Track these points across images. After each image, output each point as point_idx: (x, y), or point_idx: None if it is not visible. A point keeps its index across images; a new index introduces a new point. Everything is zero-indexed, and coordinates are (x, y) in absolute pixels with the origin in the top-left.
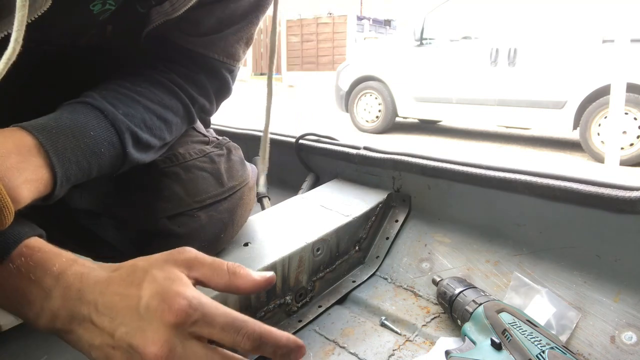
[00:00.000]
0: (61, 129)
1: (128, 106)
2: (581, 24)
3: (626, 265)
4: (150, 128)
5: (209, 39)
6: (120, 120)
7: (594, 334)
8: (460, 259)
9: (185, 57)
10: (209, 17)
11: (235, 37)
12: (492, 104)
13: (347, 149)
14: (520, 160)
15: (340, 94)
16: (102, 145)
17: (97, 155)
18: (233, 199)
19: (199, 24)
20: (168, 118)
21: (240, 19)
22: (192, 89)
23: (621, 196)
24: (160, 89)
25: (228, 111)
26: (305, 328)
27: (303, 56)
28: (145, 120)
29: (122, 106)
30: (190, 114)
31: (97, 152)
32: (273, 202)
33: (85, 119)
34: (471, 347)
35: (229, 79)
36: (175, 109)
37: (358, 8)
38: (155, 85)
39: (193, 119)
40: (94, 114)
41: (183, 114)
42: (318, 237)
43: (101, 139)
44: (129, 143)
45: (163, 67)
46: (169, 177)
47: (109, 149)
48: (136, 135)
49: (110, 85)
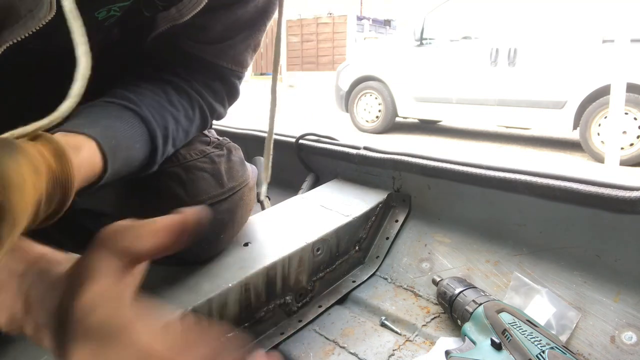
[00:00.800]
0: (119, 142)
1: (162, 116)
2: (581, 24)
3: (626, 265)
4: (174, 140)
5: (220, 47)
6: (159, 137)
7: (594, 334)
8: (460, 259)
9: (201, 64)
10: (216, 23)
11: (244, 44)
12: (492, 104)
13: (347, 149)
14: (520, 160)
15: (340, 94)
16: (139, 159)
17: (133, 167)
18: (233, 199)
19: (207, 30)
20: (190, 130)
21: (248, 26)
22: (211, 97)
23: (621, 196)
24: (185, 98)
25: (229, 111)
26: (305, 328)
27: (303, 56)
28: (173, 133)
29: (159, 118)
30: (206, 123)
31: (134, 165)
32: (273, 202)
33: (132, 130)
34: (471, 347)
35: (237, 84)
36: (197, 120)
37: (358, 8)
38: (181, 94)
39: (207, 127)
40: (139, 125)
41: (200, 123)
42: (318, 237)
43: (141, 153)
44: (158, 159)
45: (184, 74)
46: (169, 178)
47: (142, 162)
48: (164, 150)
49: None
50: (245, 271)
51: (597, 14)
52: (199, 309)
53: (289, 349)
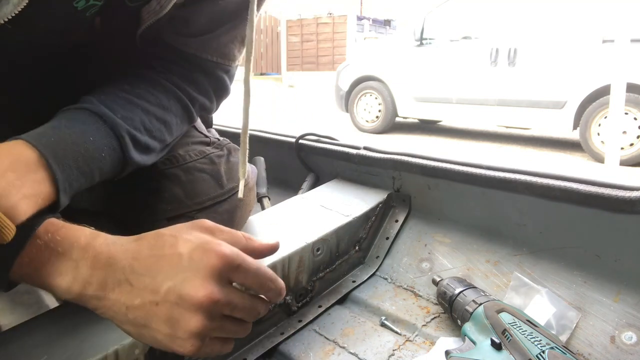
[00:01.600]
0: (61, 137)
1: (126, 109)
2: (581, 24)
3: (626, 265)
4: (149, 130)
5: (201, 39)
6: (119, 125)
7: (594, 334)
8: (460, 259)
9: (182, 57)
10: (199, 15)
11: (229, 36)
12: (492, 104)
13: (347, 149)
14: (520, 160)
15: (340, 94)
16: (103, 150)
17: (98, 160)
18: (232, 200)
19: (190, 22)
20: (167, 119)
21: (232, 17)
22: (191, 89)
23: (621, 196)
24: (159, 89)
25: (229, 111)
26: (305, 328)
27: (303, 56)
28: (145, 123)
29: (121, 110)
30: (190, 113)
31: (97, 157)
32: (273, 202)
33: (84, 125)
34: (471, 347)
35: (225, 79)
36: (174, 109)
37: (358, 8)
38: (154, 87)
39: (193, 119)
40: (93, 119)
41: (182, 114)
42: (318, 237)
43: (101, 144)
44: (129, 146)
45: (161, 68)
46: (168, 179)
47: (110, 153)
48: (135, 138)
49: (109, 88)
50: None
51: (597, 14)
52: None
53: (289, 349)
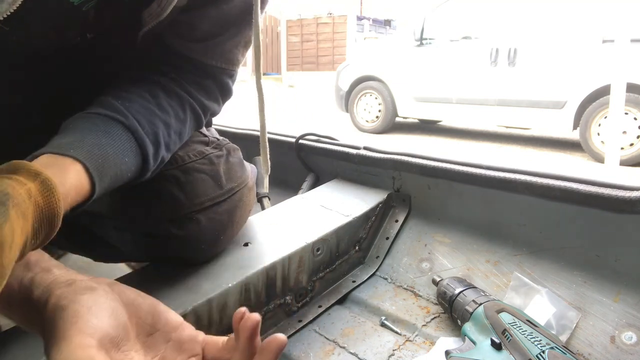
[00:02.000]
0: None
1: (151, 124)
2: (581, 24)
3: (626, 265)
4: (167, 145)
5: (206, 45)
6: (147, 145)
7: (594, 334)
8: (460, 259)
9: (190, 64)
10: (203, 20)
11: (233, 41)
12: (492, 104)
13: (347, 149)
14: (520, 160)
15: (340, 94)
16: (130, 170)
17: (123, 179)
18: (232, 200)
19: (194, 27)
20: (182, 131)
21: (236, 22)
22: (203, 97)
23: (621, 196)
24: (176, 100)
25: (229, 111)
26: (305, 328)
27: (303, 56)
28: (164, 138)
29: (147, 124)
30: (201, 121)
31: (124, 177)
32: (273, 202)
33: (121, 143)
34: (471, 347)
35: (229, 83)
36: (188, 120)
37: (358, 8)
38: (171, 97)
39: (202, 125)
40: (127, 136)
41: (194, 123)
42: (318, 237)
43: (131, 164)
44: (150, 166)
45: (173, 74)
46: (168, 180)
47: (133, 172)
48: (157, 156)
49: (130, 94)
50: (245, 271)
51: (597, 14)
52: (199, 309)
53: (289, 349)
